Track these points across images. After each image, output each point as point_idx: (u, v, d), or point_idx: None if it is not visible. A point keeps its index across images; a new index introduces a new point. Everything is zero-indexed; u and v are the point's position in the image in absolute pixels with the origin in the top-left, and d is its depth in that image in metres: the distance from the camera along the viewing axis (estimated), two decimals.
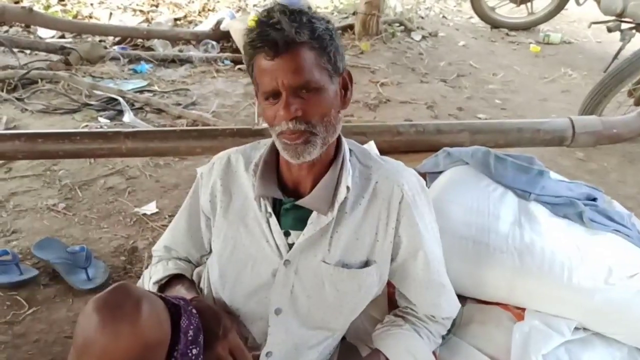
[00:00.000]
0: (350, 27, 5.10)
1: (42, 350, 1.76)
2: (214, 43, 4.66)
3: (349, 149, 1.17)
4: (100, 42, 4.62)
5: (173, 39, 4.74)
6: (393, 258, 1.19)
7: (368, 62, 4.46)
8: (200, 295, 1.24)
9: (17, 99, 3.51)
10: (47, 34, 4.72)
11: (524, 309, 1.45)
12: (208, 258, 1.31)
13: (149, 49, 4.60)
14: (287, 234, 1.14)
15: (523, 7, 5.72)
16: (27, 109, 3.42)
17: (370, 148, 1.88)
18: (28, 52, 4.32)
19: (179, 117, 3.42)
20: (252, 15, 4.32)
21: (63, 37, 4.70)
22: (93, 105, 3.50)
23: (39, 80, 3.72)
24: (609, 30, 4.22)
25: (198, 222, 1.27)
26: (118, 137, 2.03)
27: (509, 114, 3.71)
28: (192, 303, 1.10)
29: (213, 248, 1.24)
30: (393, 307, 1.35)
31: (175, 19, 5.41)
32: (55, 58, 4.13)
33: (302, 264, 1.13)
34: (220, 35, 4.73)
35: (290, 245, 1.13)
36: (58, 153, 2.05)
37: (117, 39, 4.75)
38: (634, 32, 4.14)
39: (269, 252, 1.14)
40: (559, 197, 1.64)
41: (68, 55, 4.06)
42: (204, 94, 3.85)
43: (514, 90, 4.21)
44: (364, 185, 1.15)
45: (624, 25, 4.10)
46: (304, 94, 1.01)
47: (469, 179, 1.64)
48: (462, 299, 1.37)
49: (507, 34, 5.62)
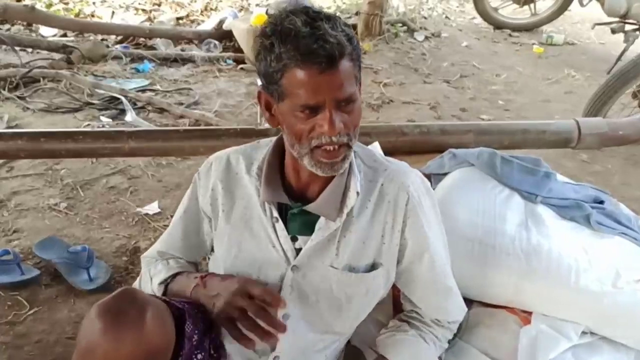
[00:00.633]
0: (353, 27, 5.01)
1: (43, 351, 1.75)
2: (217, 42, 4.64)
3: (354, 151, 1.15)
4: (103, 40, 4.61)
5: (175, 38, 4.72)
6: (399, 261, 1.18)
7: (371, 62, 4.44)
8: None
9: (18, 98, 3.49)
10: (49, 33, 4.71)
11: (531, 313, 1.44)
12: (210, 259, 1.29)
13: (151, 48, 4.58)
14: (293, 239, 1.13)
15: (526, 8, 5.70)
16: (28, 108, 3.40)
17: (375, 149, 1.87)
18: (30, 50, 4.31)
19: (182, 116, 3.41)
20: (255, 14, 4.33)
21: (65, 35, 4.69)
22: (95, 105, 3.49)
23: (41, 79, 3.71)
24: (613, 32, 4.22)
25: (197, 225, 1.25)
26: (121, 136, 2.01)
27: (512, 115, 3.70)
28: (202, 281, 1.11)
29: (217, 252, 1.22)
30: (398, 310, 1.34)
31: (178, 18, 5.39)
32: (57, 57, 4.12)
33: (310, 269, 1.12)
34: (223, 35, 4.71)
35: (298, 250, 1.12)
36: (60, 152, 2.03)
37: (119, 38, 4.74)
38: (638, 33, 4.15)
39: (276, 257, 1.13)
40: (566, 199, 1.63)
41: (70, 54, 4.05)
42: (207, 94, 3.83)
43: (517, 91, 4.20)
44: (370, 188, 1.14)
45: (628, 27, 4.11)
46: (343, 107, 0.99)
47: (475, 181, 1.62)
48: (467, 302, 1.35)
49: (510, 35, 5.61)
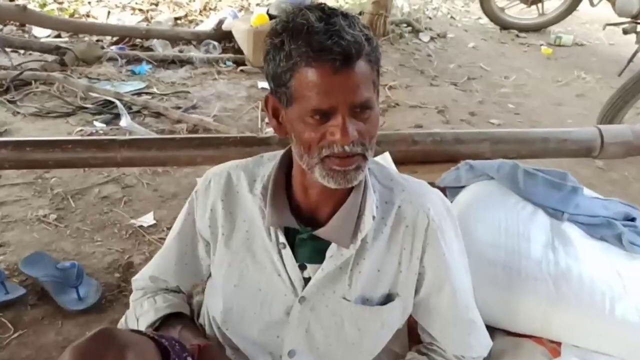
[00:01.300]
0: None
1: None
2: (216, 43, 4.58)
3: (368, 168, 1.05)
4: (98, 41, 4.56)
5: (173, 39, 4.66)
6: (416, 291, 1.09)
7: None
8: (209, 341, 1.12)
9: (8, 102, 3.44)
10: (42, 33, 4.65)
11: (560, 343, 1.36)
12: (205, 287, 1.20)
13: (148, 50, 4.52)
14: (302, 267, 1.03)
15: (533, 8, 5.68)
16: (19, 112, 3.34)
17: (386, 161, 1.77)
18: (22, 52, 4.25)
19: (179, 121, 3.35)
20: (256, 14, 4.25)
21: (59, 36, 4.63)
22: (88, 109, 3.43)
23: (33, 82, 3.66)
24: (625, 33, 4.15)
25: (193, 248, 1.15)
26: (113, 145, 1.93)
27: (523, 119, 3.66)
28: (204, 349, 1.00)
29: (215, 280, 1.13)
30: (414, 339, 1.26)
31: (176, 18, 5.34)
32: (50, 58, 4.07)
33: (319, 301, 1.03)
34: (222, 36, 4.65)
35: (306, 280, 1.03)
36: (48, 162, 1.97)
37: (114, 39, 4.68)
38: None
39: (282, 287, 1.04)
40: (595, 216, 1.54)
41: (63, 56, 3.99)
42: (205, 97, 3.78)
43: (527, 94, 4.16)
44: (386, 210, 1.04)
45: None
46: (358, 113, 0.90)
47: (496, 196, 1.54)
48: (490, 330, 1.26)
49: (517, 36, 5.59)
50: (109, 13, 5.30)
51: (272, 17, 4.18)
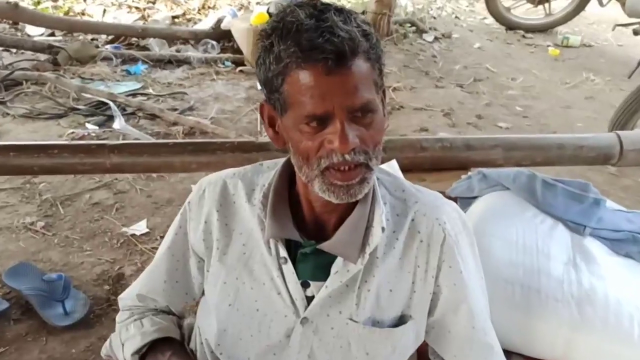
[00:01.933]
0: None
1: None
2: (214, 43, 4.55)
3: (377, 178, 0.98)
4: (92, 40, 4.54)
5: (170, 38, 4.64)
6: (430, 311, 1.01)
7: None
8: None
9: None
10: (35, 32, 4.62)
11: None
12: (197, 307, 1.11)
13: (144, 49, 4.51)
14: (304, 284, 0.95)
15: (540, 8, 5.63)
16: (9, 114, 3.30)
17: (392, 169, 1.68)
18: (14, 51, 4.22)
19: (175, 123, 3.30)
20: (256, 13, 4.18)
21: (53, 35, 4.61)
22: (81, 110, 3.39)
23: (24, 82, 3.63)
24: (635, 33, 4.11)
25: (185, 263, 1.06)
26: (102, 150, 1.85)
27: (532, 123, 3.60)
28: None
29: (208, 299, 1.04)
30: None
31: (173, 17, 5.33)
32: (43, 57, 4.05)
33: (323, 323, 0.95)
34: (221, 35, 4.63)
35: (309, 299, 0.95)
36: (33, 169, 1.88)
37: (110, 38, 4.66)
38: None
39: (282, 307, 0.95)
40: (619, 231, 1.45)
41: (56, 55, 3.96)
42: (203, 98, 3.74)
43: (535, 97, 4.11)
44: (398, 223, 0.96)
45: None
46: (359, 118, 0.83)
47: (512, 208, 1.46)
48: (506, 355, 1.16)
49: (523, 36, 5.55)
50: (105, 11, 5.28)
51: (272, 15, 4.11)
